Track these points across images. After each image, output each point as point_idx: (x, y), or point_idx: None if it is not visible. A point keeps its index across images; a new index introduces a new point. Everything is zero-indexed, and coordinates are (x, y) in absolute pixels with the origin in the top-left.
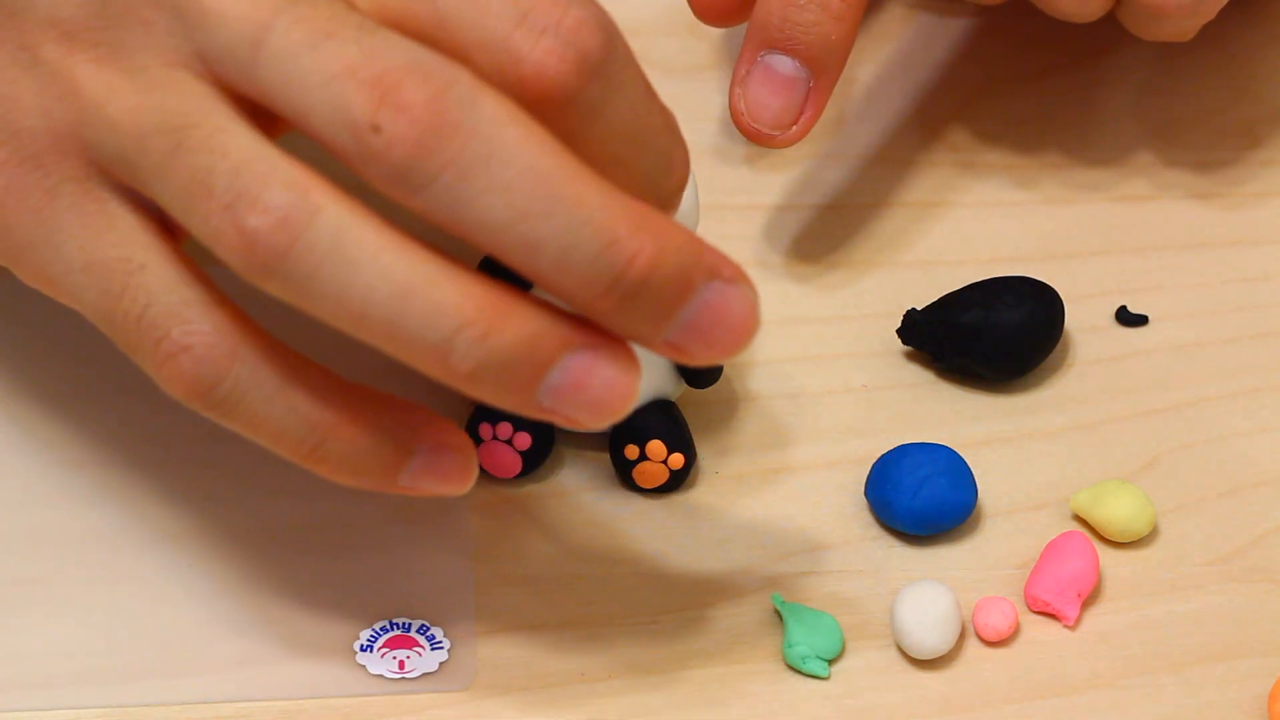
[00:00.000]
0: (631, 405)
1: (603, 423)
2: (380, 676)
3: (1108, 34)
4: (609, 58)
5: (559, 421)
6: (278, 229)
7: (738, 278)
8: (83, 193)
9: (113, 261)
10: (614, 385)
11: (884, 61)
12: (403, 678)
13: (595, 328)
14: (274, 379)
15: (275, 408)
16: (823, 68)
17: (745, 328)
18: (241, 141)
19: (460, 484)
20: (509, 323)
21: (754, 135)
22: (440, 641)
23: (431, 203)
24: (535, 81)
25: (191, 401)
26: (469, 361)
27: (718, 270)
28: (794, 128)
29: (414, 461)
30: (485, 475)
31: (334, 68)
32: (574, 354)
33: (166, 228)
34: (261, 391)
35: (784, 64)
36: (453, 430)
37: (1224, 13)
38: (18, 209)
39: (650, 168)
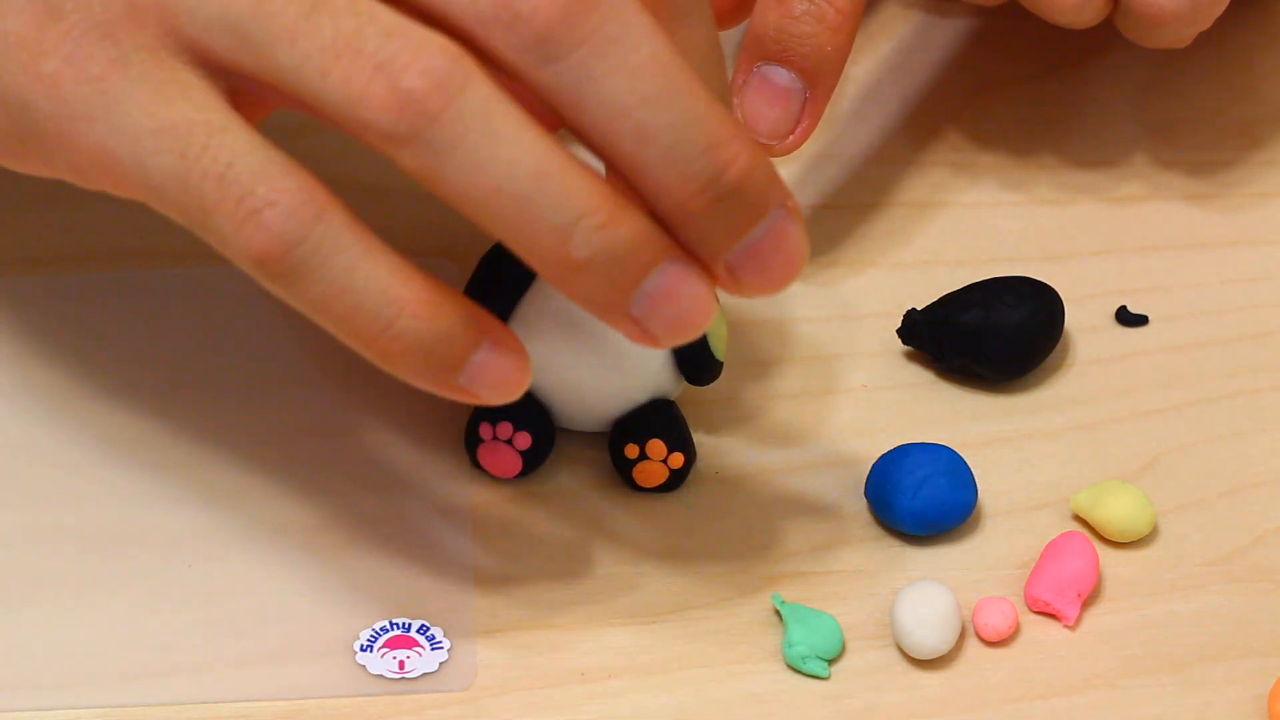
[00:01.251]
0: (705, 327)
1: (678, 339)
2: (380, 676)
3: (1108, 34)
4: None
5: (635, 336)
6: (434, 91)
7: (798, 212)
8: (155, 62)
9: (192, 123)
10: (698, 301)
11: (884, 61)
12: (403, 678)
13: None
14: (356, 246)
15: (355, 277)
16: (818, 79)
17: (795, 261)
18: (385, 9)
19: (511, 390)
20: (627, 217)
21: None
22: (440, 641)
23: (562, 76)
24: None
25: (268, 265)
26: (587, 248)
27: (786, 199)
28: (791, 137)
29: (476, 357)
30: (485, 475)
31: None
32: (672, 262)
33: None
34: (343, 257)
35: (780, 75)
36: (510, 334)
37: (1224, 13)
38: (76, 79)
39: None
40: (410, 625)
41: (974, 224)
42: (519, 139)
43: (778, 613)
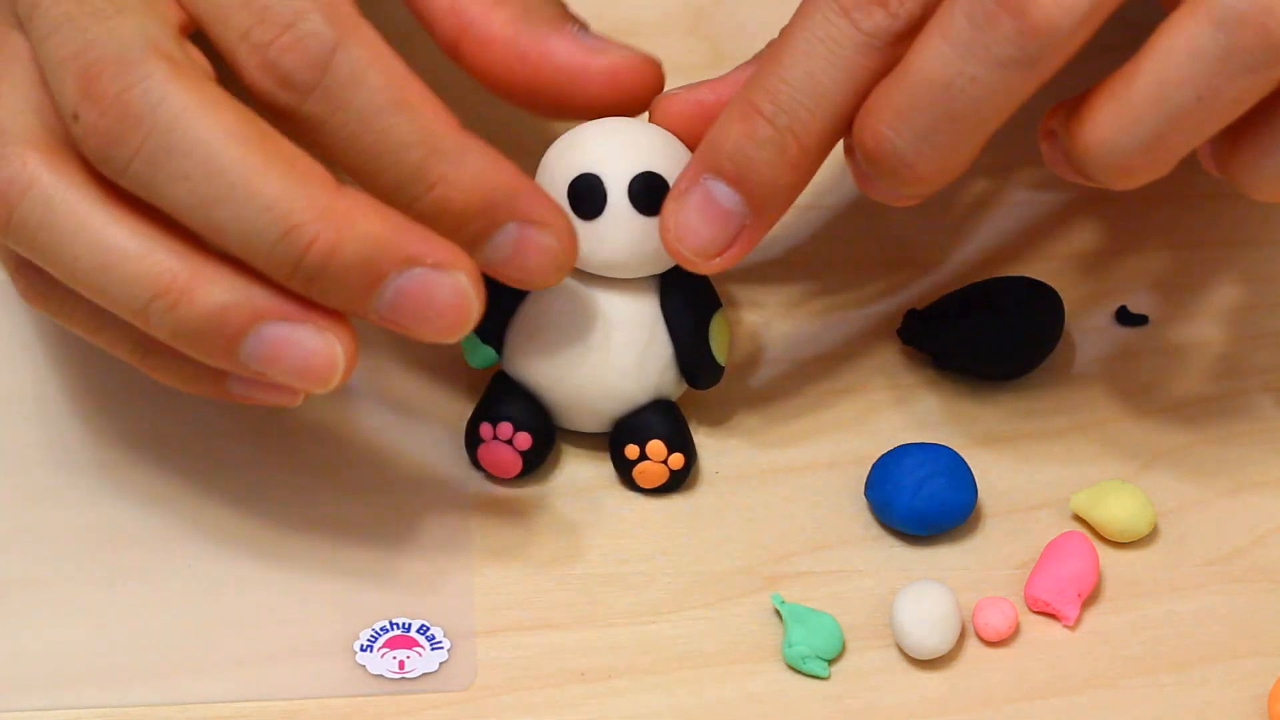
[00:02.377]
0: (338, 376)
1: (314, 388)
2: (380, 676)
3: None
4: (322, 76)
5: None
6: (1, 196)
7: (445, 263)
8: None
9: None
10: (314, 355)
11: None
12: (403, 678)
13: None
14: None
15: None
16: (763, 209)
17: (450, 313)
18: None
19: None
20: (198, 295)
21: (675, 254)
22: (440, 641)
23: (132, 184)
24: (256, 92)
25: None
26: (164, 328)
27: (417, 258)
28: (717, 260)
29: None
30: (485, 475)
31: (60, 54)
32: (268, 325)
33: None
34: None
35: (726, 195)
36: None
37: None
38: None
39: (397, 179)
40: (410, 625)
41: (973, 224)
42: (81, 232)
43: (778, 613)
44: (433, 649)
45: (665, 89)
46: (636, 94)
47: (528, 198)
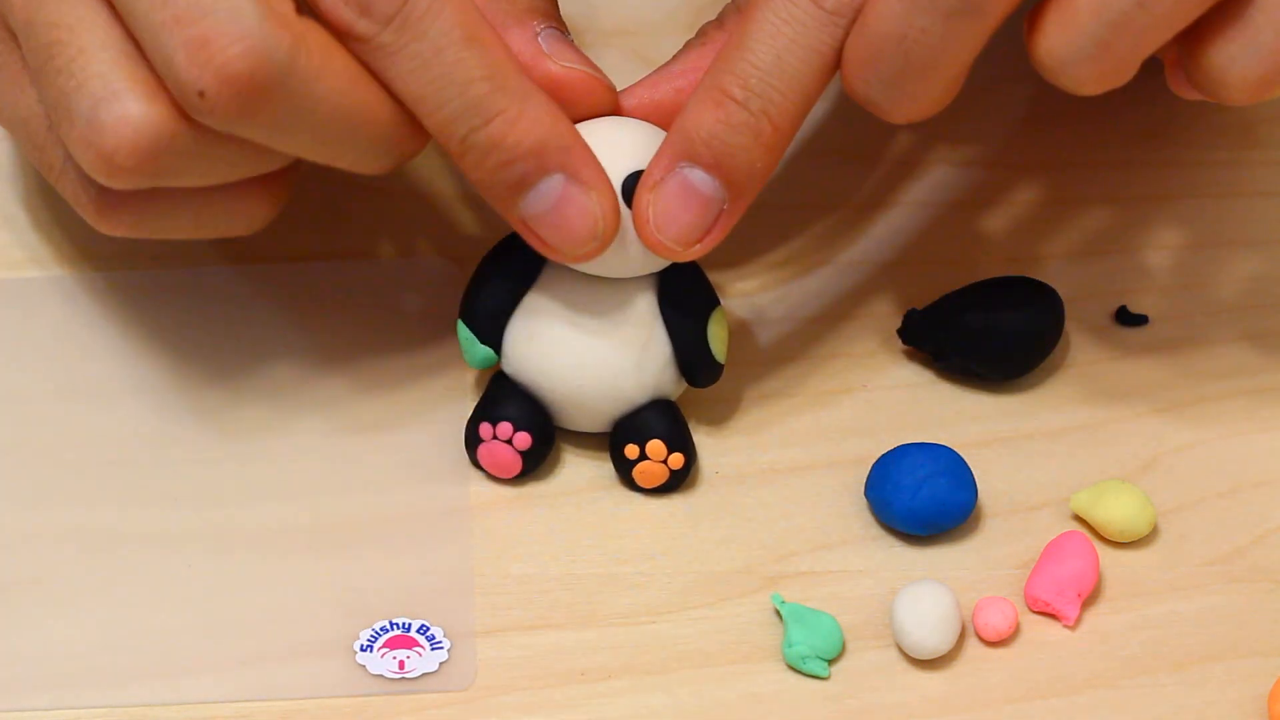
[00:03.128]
0: (593, 243)
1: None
2: (380, 676)
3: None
4: (403, 7)
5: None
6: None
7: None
8: None
9: None
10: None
11: None
12: (403, 678)
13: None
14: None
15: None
16: (741, 193)
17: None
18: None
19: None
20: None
21: (654, 245)
22: (440, 641)
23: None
24: (328, 14)
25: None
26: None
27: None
28: (697, 245)
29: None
30: (485, 475)
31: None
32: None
33: None
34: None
35: (704, 181)
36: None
37: None
38: None
39: (459, 110)
40: (410, 625)
41: (974, 224)
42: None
43: (778, 613)
44: (433, 649)
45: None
46: (578, 111)
47: (581, 156)
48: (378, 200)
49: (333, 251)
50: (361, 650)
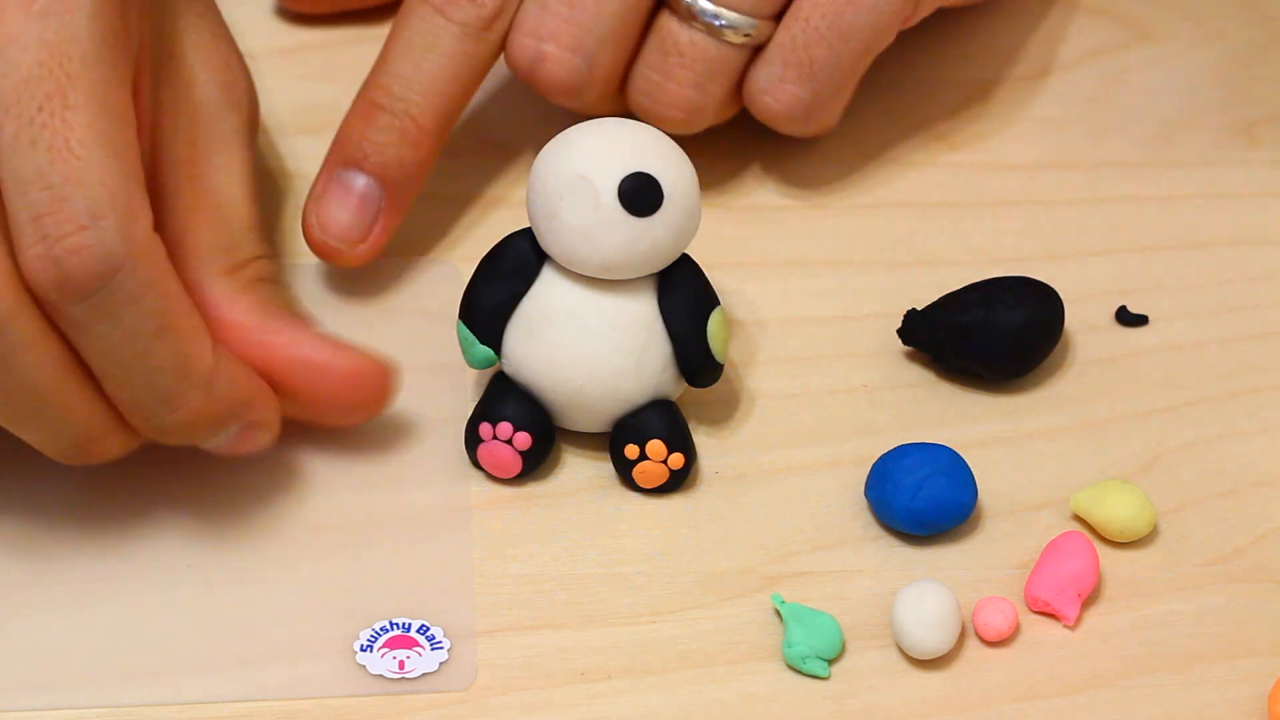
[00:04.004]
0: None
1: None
2: (380, 676)
3: (1109, 34)
4: (101, 287)
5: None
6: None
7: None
8: None
9: None
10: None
11: (884, 61)
12: (403, 678)
13: None
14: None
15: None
16: (395, 188)
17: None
18: None
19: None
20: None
21: (322, 249)
22: (440, 641)
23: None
24: (27, 277)
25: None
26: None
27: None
28: (362, 245)
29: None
30: (485, 475)
31: None
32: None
33: None
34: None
35: (357, 180)
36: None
37: (1224, 12)
38: None
39: (142, 398)
40: (410, 625)
41: (974, 224)
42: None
43: (778, 613)
44: (433, 649)
45: None
46: (372, 395)
47: (259, 403)
48: None
49: None
50: (361, 650)
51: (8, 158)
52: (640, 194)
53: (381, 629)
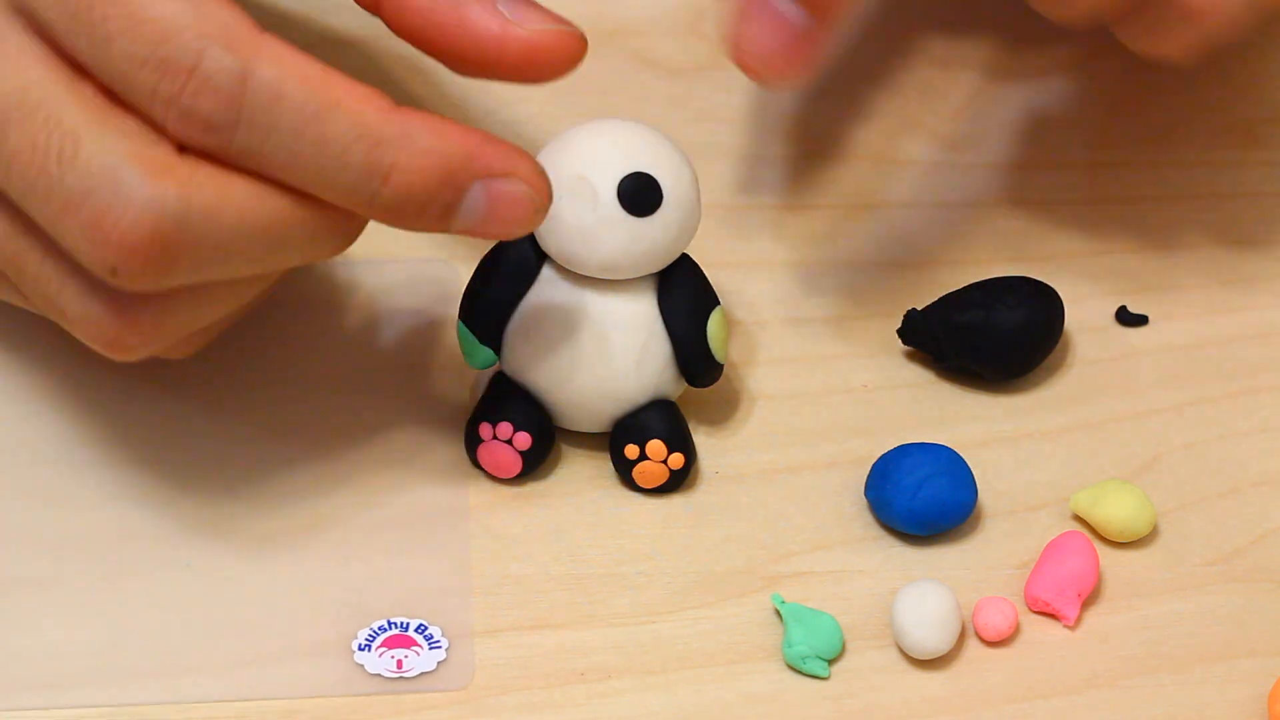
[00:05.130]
0: (538, 220)
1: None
2: (378, 675)
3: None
4: (243, 105)
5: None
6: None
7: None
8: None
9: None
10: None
11: (886, 61)
12: (400, 677)
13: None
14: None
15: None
16: (827, 13)
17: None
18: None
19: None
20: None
21: (743, 66)
22: (438, 641)
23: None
24: (185, 141)
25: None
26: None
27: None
28: (785, 72)
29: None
30: (485, 475)
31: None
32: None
33: None
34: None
35: (785, 3)
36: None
37: None
38: None
39: (352, 183)
40: (408, 624)
41: (974, 224)
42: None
43: (778, 613)
44: (430, 648)
45: (662, 90)
46: (556, 65)
47: (485, 152)
48: None
49: None
50: (360, 649)
51: (104, 66)
52: (639, 194)
53: (380, 628)
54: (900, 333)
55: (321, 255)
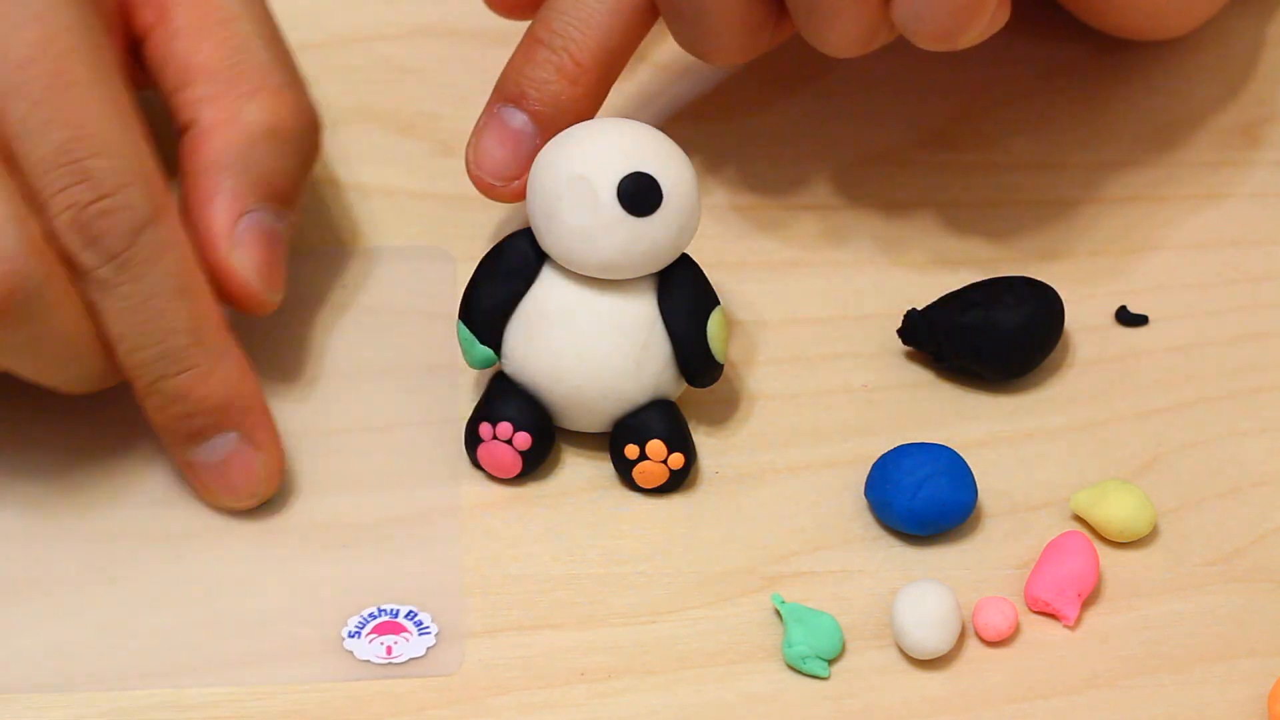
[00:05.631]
0: (254, 497)
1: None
2: (368, 662)
3: (1109, 35)
4: (130, 245)
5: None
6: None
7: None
8: None
9: None
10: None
11: (884, 60)
12: (390, 663)
13: None
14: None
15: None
16: (550, 126)
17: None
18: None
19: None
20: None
21: (478, 183)
22: (428, 627)
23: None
24: (59, 240)
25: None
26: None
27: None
28: (516, 182)
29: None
30: (485, 475)
31: None
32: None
33: None
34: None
35: (514, 117)
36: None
37: (1224, 12)
38: None
39: (152, 358)
40: (398, 611)
41: (974, 224)
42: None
43: (778, 613)
44: (420, 634)
45: (662, 89)
46: (241, 304)
47: (259, 418)
48: (376, 199)
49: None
50: (349, 636)
51: (23, 139)
52: (639, 194)
53: (370, 615)
54: (900, 333)
55: (69, 389)
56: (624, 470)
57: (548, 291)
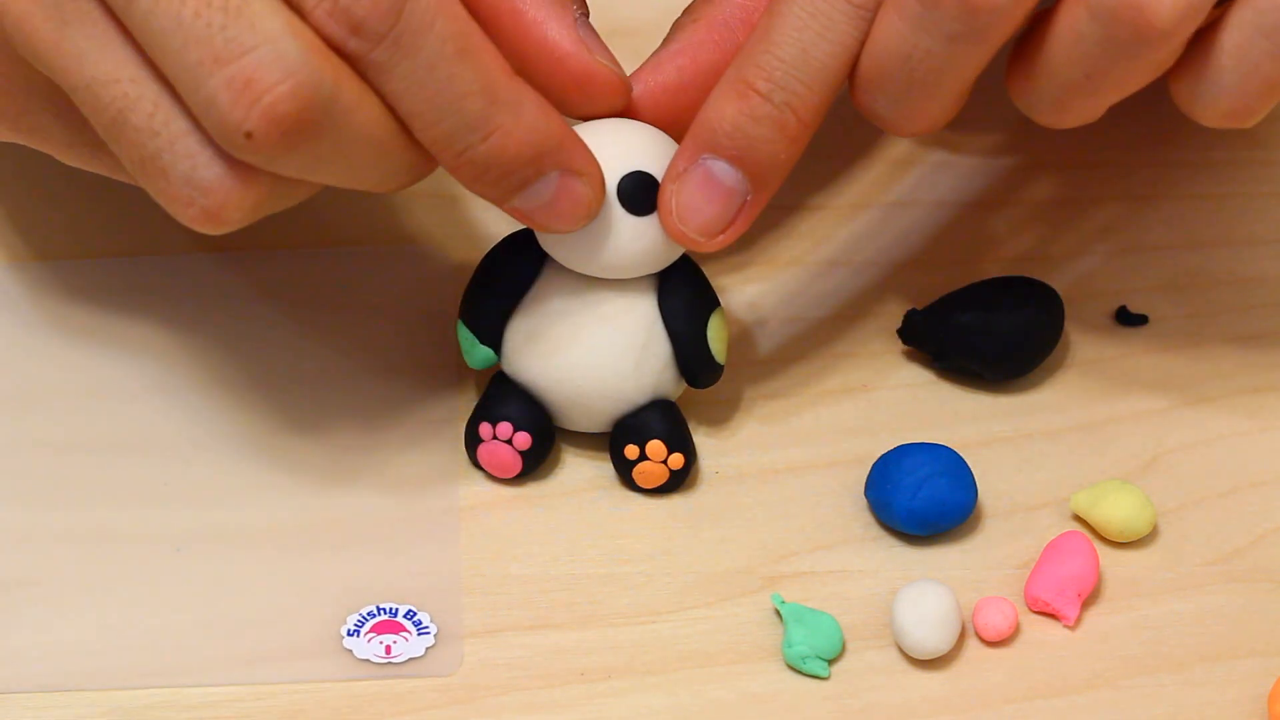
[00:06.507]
0: (583, 220)
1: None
2: (367, 661)
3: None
4: (396, 21)
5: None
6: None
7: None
8: None
9: None
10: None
11: None
12: (389, 662)
13: None
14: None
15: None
16: (764, 185)
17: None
18: None
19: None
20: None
21: (678, 237)
22: (427, 627)
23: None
24: (327, 36)
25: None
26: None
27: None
28: (720, 236)
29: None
30: (485, 475)
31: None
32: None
33: None
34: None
35: (727, 174)
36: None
37: None
38: None
39: (453, 128)
40: (397, 610)
41: (974, 224)
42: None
43: (778, 613)
44: (419, 634)
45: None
46: (598, 101)
47: (573, 146)
48: (376, 197)
49: (330, 244)
50: (348, 635)
51: None
52: (640, 193)
53: (369, 614)
54: (900, 333)
55: (384, 190)
56: (624, 470)
57: (548, 292)
